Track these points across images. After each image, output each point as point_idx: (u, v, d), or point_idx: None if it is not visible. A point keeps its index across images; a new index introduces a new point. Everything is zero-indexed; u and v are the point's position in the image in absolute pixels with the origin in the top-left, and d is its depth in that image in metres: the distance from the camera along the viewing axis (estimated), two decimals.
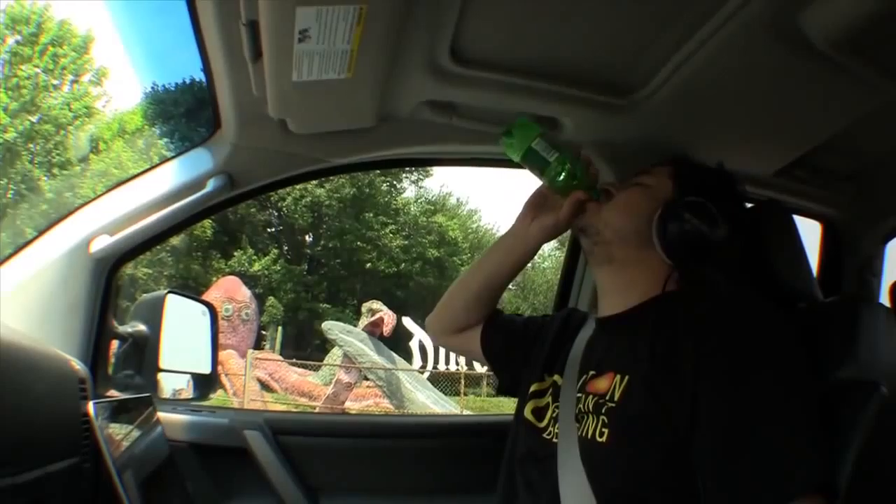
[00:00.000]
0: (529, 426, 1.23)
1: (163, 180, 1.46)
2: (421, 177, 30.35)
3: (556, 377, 1.24)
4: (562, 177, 1.21)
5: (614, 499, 1.01)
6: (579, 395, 1.13)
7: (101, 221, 1.40)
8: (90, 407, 0.97)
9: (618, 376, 1.07)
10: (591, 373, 1.14)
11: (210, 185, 1.45)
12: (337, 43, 1.08)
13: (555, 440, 1.13)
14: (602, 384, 1.09)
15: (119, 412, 1.13)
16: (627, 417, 1.02)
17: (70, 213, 1.43)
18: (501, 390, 1.46)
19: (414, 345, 16.68)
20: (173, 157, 1.53)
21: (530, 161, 1.24)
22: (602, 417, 1.05)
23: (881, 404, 1.02)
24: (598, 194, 1.22)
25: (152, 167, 1.51)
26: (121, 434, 1.10)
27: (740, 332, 0.98)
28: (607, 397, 1.06)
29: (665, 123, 1.46)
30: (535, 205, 1.29)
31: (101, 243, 1.38)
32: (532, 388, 1.28)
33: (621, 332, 1.15)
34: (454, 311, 1.47)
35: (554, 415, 1.17)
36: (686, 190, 1.17)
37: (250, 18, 1.04)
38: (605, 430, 1.03)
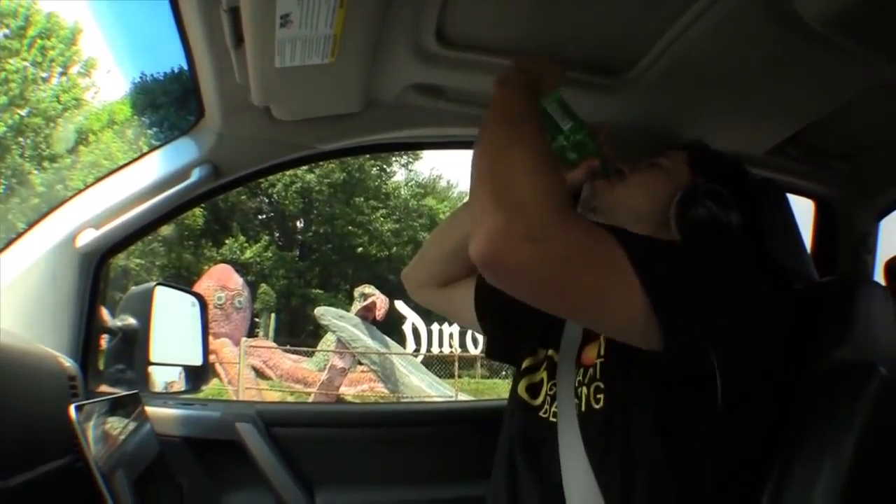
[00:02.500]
0: (523, 405, 1.18)
1: (147, 171, 1.45)
2: (411, 160, 30.29)
3: (550, 351, 1.19)
4: (573, 147, 1.16)
5: (609, 467, 0.98)
6: (576, 369, 1.10)
7: (86, 215, 1.39)
8: (71, 410, 0.96)
9: (602, 335, 1.05)
10: (586, 346, 1.11)
11: (195, 175, 1.43)
12: (319, 27, 1.06)
13: (552, 419, 1.09)
14: (593, 351, 1.07)
15: (105, 412, 1.12)
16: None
17: (54, 208, 1.41)
18: (491, 354, 1.42)
19: (407, 328, 16.73)
20: (157, 147, 1.51)
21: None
22: (597, 383, 1.03)
23: (880, 384, 1.01)
24: (608, 172, 1.19)
25: (136, 158, 1.49)
26: (108, 434, 1.09)
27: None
28: (598, 359, 1.04)
29: (656, 103, 1.43)
30: None
31: (87, 237, 1.37)
32: (525, 364, 1.24)
33: None
34: (433, 262, 1.41)
35: (551, 392, 1.13)
36: (703, 175, 1.17)
37: (231, 5, 1.02)
38: (601, 396, 1.01)
